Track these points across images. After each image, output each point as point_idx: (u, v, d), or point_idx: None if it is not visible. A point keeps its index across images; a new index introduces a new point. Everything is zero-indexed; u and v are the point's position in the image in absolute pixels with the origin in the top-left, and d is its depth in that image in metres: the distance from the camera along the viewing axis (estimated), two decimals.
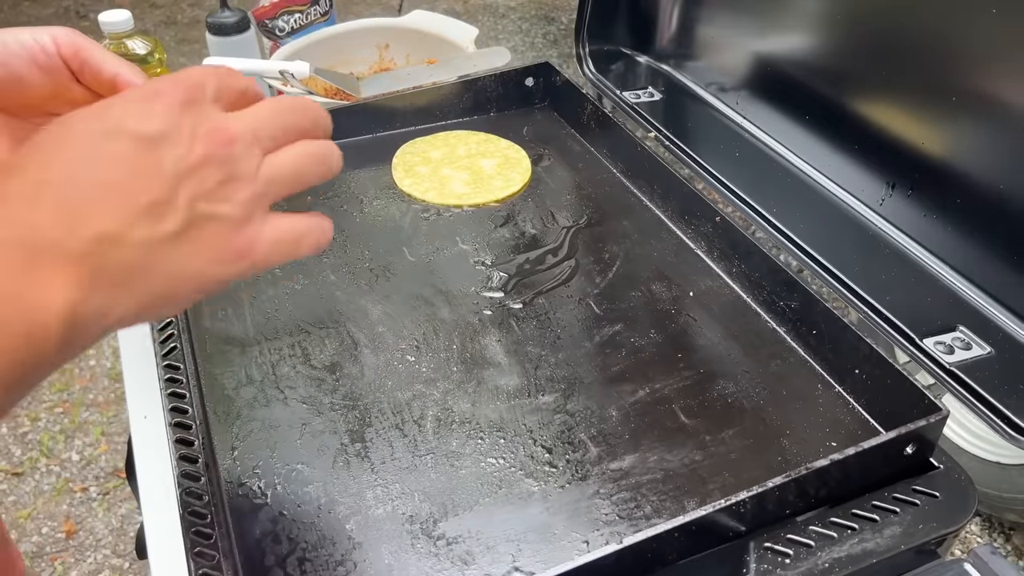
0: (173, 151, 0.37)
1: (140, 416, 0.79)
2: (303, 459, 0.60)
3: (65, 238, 0.35)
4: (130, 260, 0.36)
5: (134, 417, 0.79)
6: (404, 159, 0.92)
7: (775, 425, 0.62)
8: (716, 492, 0.57)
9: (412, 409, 0.63)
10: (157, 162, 0.37)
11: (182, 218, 0.38)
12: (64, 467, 1.83)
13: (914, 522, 0.54)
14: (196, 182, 0.38)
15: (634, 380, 0.66)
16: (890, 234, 0.76)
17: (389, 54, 1.29)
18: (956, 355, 0.64)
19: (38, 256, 0.34)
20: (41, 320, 0.34)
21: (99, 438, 1.89)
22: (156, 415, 0.78)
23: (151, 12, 3.69)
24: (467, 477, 0.58)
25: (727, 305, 0.73)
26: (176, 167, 0.37)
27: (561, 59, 3.37)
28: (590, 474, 0.58)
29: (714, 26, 0.98)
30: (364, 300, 0.74)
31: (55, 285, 0.34)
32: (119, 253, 0.36)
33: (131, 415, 0.79)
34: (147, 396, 0.79)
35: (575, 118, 0.97)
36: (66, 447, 1.87)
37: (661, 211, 0.83)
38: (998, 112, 0.68)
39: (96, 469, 1.83)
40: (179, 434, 0.61)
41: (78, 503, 1.76)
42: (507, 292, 0.74)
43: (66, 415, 1.94)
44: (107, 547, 1.69)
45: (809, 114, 0.85)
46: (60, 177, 0.36)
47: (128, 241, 0.36)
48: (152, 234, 0.37)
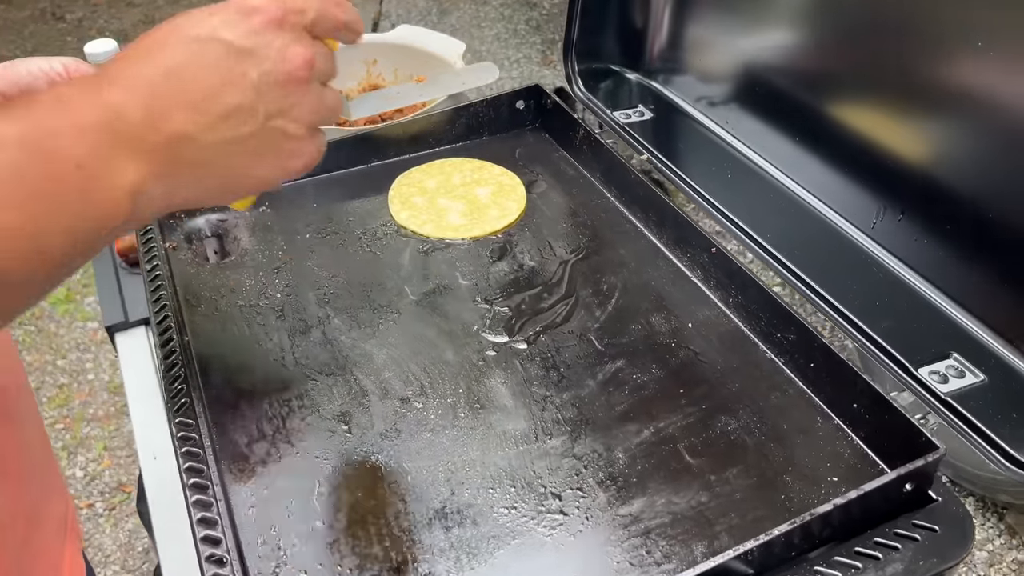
0: (260, 66, 0.43)
1: (150, 457, 0.81)
2: (321, 517, 0.61)
3: (147, 132, 0.41)
4: (200, 157, 0.42)
5: (144, 458, 0.80)
6: (400, 190, 0.93)
7: (777, 462, 0.64)
8: (723, 534, 0.59)
9: (423, 458, 0.65)
10: (243, 73, 0.42)
11: (255, 128, 0.43)
12: (69, 484, 1.84)
13: (915, 558, 0.56)
14: (275, 99, 0.43)
15: (638, 419, 0.67)
16: (882, 258, 0.77)
17: (377, 69, 1.29)
18: (950, 384, 0.66)
19: (120, 142, 0.40)
20: (114, 196, 0.40)
21: (102, 453, 1.90)
22: (166, 456, 0.79)
23: (128, 11, 3.65)
24: (479, 532, 0.60)
25: (726, 336, 0.74)
26: (259, 81, 0.43)
27: (544, 45, 3.36)
28: (600, 521, 0.60)
29: (704, 43, 0.98)
30: (368, 344, 0.75)
31: (130, 169, 0.40)
32: (192, 150, 0.42)
33: (140, 457, 0.80)
34: (155, 436, 0.81)
35: (567, 140, 0.98)
36: (69, 463, 1.88)
37: (656, 238, 0.84)
38: (988, 138, 0.69)
39: (101, 484, 1.84)
40: (196, 495, 0.62)
41: (84, 519, 1.77)
42: (510, 331, 0.75)
43: (67, 431, 1.95)
44: (116, 563, 1.71)
45: (800, 134, 0.86)
46: (154, 74, 0.41)
47: (202, 142, 0.42)
48: (224, 137, 0.42)
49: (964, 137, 0.71)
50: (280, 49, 0.43)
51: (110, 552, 1.72)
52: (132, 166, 0.40)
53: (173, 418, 0.68)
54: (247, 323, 0.77)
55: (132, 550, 1.72)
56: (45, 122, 0.39)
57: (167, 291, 0.78)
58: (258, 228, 0.89)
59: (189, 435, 0.67)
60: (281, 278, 0.82)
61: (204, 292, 0.81)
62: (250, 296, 0.80)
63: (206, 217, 0.90)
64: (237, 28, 0.42)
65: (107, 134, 0.40)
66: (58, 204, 0.39)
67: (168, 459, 0.79)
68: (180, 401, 0.69)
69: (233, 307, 0.79)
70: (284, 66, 0.43)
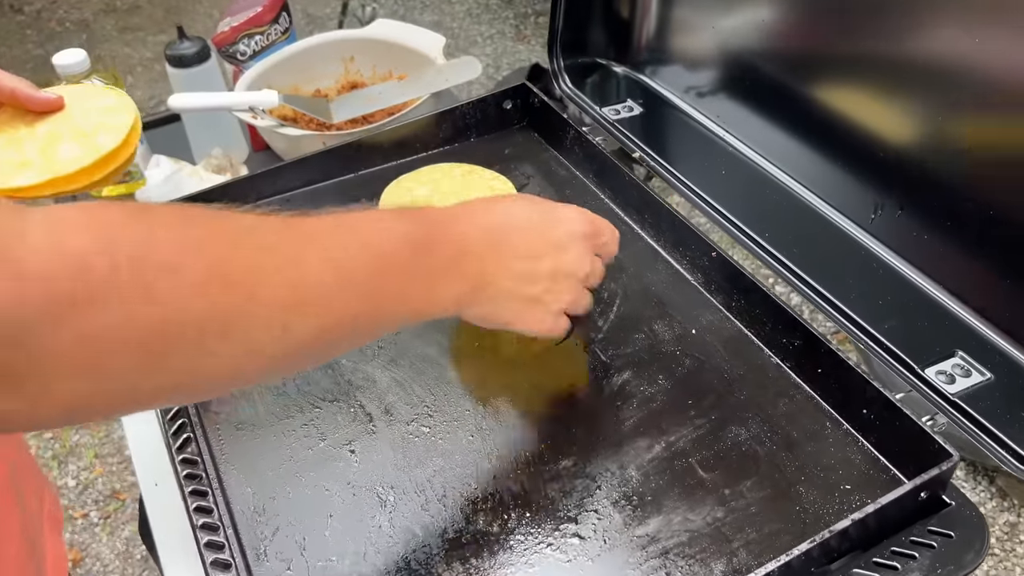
0: (566, 256, 0.60)
1: (151, 484, 0.79)
2: (335, 552, 0.60)
3: (471, 265, 0.55)
4: (492, 294, 0.57)
5: (145, 486, 0.79)
6: (390, 200, 0.91)
7: (790, 471, 0.64)
8: (741, 551, 0.59)
9: (434, 486, 0.64)
10: (555, 258, 0.59)
11: (536, 294, 0.59)
12: (62, 494, 1.82)
13: (932, 566, 0.57)
14: (559, 281, 0.60)
15: (649, 434, 0.67)
16: (882, 254, 0.77)
17: (355, 66, 1.26)
18: (957, 384, 0.66)
19: (454, 270, 0.54)
20: (438, 308, 0.55)
21: (93, 461, 1.88)
22: (167, 482, 0.78)
23: (88, 1, 3.55)
24: (498, 561, 0.59)
25: (730, 342, 0.74)
26: (558, 267, 0.60)
27: (517, 20, 3.31)
28: (617, 543, 0.60)
29: (692, 33, 0.97)
30: (370, 367, 0.74)
31: (453, 289, 0.55)
32: (491, 288, 0.57)
33: (141, 484, 0.79)
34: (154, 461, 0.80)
35: (556, 140, 0.96)
36: (61, 473, 1.86)
37: (654, 240, 0.84)
38: (989, 130, 0.68)
39: (94, 493, 1.83)
40: (207, 537, 0.61)
41: (80, 530, 1.76)
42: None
43: (56, 440, 1.93)
44: (115, 572, 1.70)
45: (794, 127, 0.85)
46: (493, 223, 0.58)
47: (500, 285, 0.57)
48: (514, 288, 0.58)
49: (963, 129, 0.70)
50: (580, 255, 0.61)
51: (108, 562, 1.71)
52: (455, 286, 0.55)
53: (176, 456, 0.67)
54: None
55: (131, 558, 1.72)
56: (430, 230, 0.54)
57: None
58: None
59: (195, 473, 0.66)
60: None
61: None
62: None
63: None
64: (568, 226, 0.61)
65: (453, 264, 0.54)
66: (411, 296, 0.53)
67: (170, 485, 0.78)
68: (183, 436, 0.68)
69: None
70: (577, 268, 0.61)
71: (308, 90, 1.23)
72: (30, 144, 0.71)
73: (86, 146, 0.72)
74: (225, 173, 1.12)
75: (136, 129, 0.76)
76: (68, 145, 0.71)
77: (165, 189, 1.05)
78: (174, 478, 0.78)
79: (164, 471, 0.79)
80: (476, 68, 1.12)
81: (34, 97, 0.72)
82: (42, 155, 0.70)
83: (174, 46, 1.14)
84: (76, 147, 0.71)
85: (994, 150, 0.69)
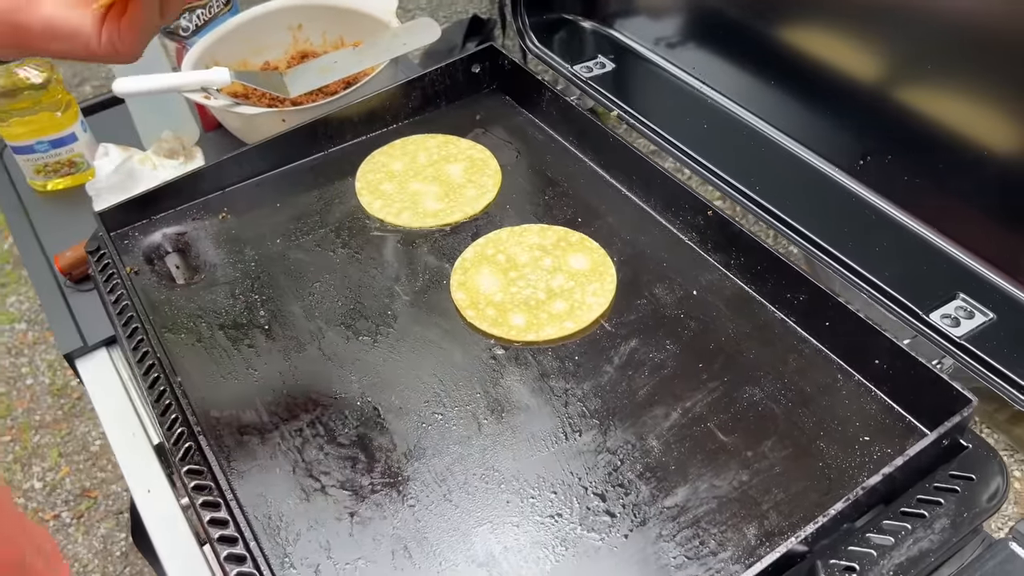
0: None
1: (143, 491, 0.77)
2: (362, 554, 0.59)
3: None
4: None
5: (137, 493, 0.76)
6: (366, 178, 0.87)
7: (808, 427, 0.64)
8: (771, 512, 0.59)
9: (455, 474, 0.63)
10: None
11: None
12: (28, 497, 1.76)
13: (958, 510, 0.58)
14: None
15: (664, 402, 0.66)
16: (874, 201, 0.77)
17: (303, 35, 1.20)
18: (962, 327, 0.67)
19: None
20: None
21: (58, 461, 1.82)
22: (161, 489, 0.75)
23: None
24: (530, 543, 0.58)
25: (732, 301, 0.73)
26: None
27: None
28: (648, 516, 0.59)
29: None
30: (371, 356, 0.71)
31: None
32: None
33: (133, 492, 0.76)
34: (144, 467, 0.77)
35: (529, 102, 0.93)
36: (25, 476, 1.80)
37: (643, 202, 0.82)
38: (972, 76, 0.68)
39: (63, 493, 1.77)
40: (227, 550, 0.58)
41: (54, 532, 1.71)
42: None
43: (16, 442, 1.86)
44: (96, 570, 1.66)
45: (772, 76, 0.84)
46: None
47: None
48: None
49: (948, 77, 0.70)
50: None
51: (87, 561, 1.66)
52: None
53: (181, 467, 0.64)
54: (236, 348, 0.73)
55: (110, 555, 1.68)
56: None
57: (140, 324, 0.72)
58: (223, 239, 0.83)
59: (203, 484, 0.63)
60: (260, 292, 0.77)
61: (180, 318, 0.76)
62: (231, 317, 0.75)
63: (163, 232, 0.83)
64: None
65: None
66: None
67: (164, 491, 0.75)
68: (185, 446, 0.65)
69: (216, 332, 0.74)
70: None
71: (257, 63, 1.17)
72: None
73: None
74: (178, 157, 1.06)
75: None
76: None
77: (116, 179, 0.99)
78: (168, 483, 0.76)
79: (156, 475, 0.77)
80: (435, 30, 1.08)
81: None
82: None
83: None
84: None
85: (980, 90, 0.69)
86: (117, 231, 0.83)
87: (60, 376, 1.98)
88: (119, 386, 0.85)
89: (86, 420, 1.88)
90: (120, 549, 1.68)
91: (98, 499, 1.75)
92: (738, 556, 0.57)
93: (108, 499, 1.76)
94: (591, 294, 0.74)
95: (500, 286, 0.75)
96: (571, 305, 0.73)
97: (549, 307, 0.73)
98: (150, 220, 0.85)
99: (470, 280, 0.76)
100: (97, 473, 1.80)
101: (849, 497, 0.55)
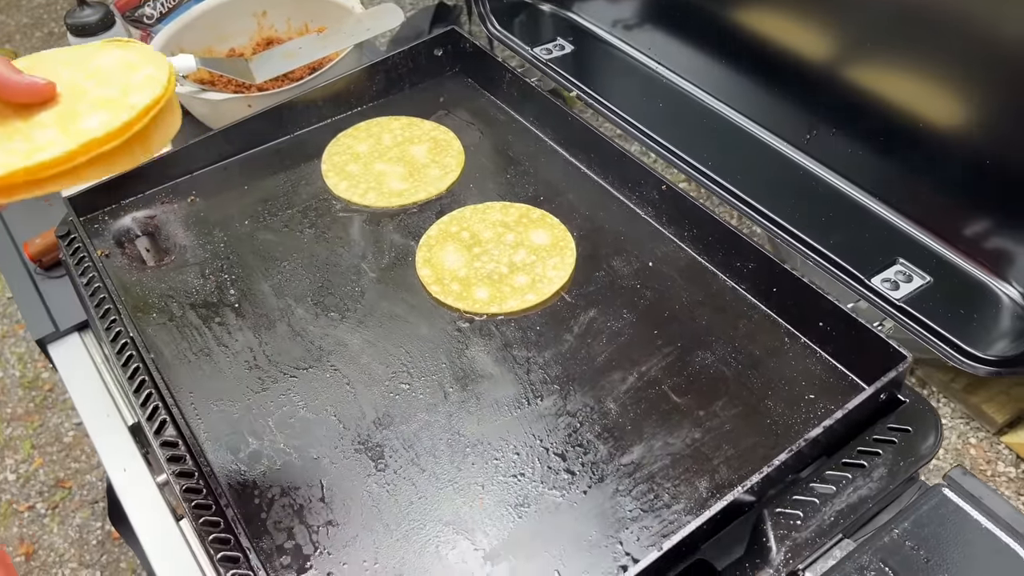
0: None
1: (119, 470, 0.78)
2: (333, 517, 0.61)
3: None
4: None
5: (113, 472, 0.78)
6: (332, 160, 0.89)
7: (757, 388, 0.68)
8: (722, 467, 0.63)
9: (422, 440, 0.65)
10: None
11: None
12: (2, 489, 1.76)
13: (895, 460, 0.61)
14: None
15: (621, 367, 0.69)
16: (820, 173, 0.80)
17: (268, 21, 1.21)
18: (901, 290, 0.71)
19: None
20: None
21: (31, 452, 1.82)
22: (137, 467, 0.77)
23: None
24: (493, 502, 0.61)
25: (686, 270, 0.77)
26: None
27: None
28: (606, 473, 0.63)
29: None
30: (339, 331, 0.74)
31: None
32: None
33: (109, 471, 0.78)
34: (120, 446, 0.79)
35: (491, 84, 0.96)
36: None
37: (602, 179, 0.85)
38: (912, 52, 0.71)
39: (37, 484, 1.77)
40: (202, 516, 0.61)
41: (28, 522, 1.71)
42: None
43: None
44: (72, 560, 1.67)
45: (724, 55, 0.87)
46: None
47: None
48: None
49: (889, 50, 0.73)
50: None
51: (63, 551, 1.67)
52: None
53: (155, 440, 0.66)
54: (206, 326, 0.75)
55: (86, 544, 1.68)
56: None
57: (112, 305, 0.74)
58: (191, 221, 0.84)
59: (178, 455, 0.65)
60: (229, 272, 0.79)
61: (152, 299, 0.77)
62: (201, 296, 0.77)
63: (132, 215, 0.85)
64: None
65: None
66: None
67: (140, 469, 0.77)
68: (159, 419, 0.67)
69: (187, 311, 0.76)
70: None
71: (222, 50, 1.18)
72: (39, 132, 0.52)
73: (115, 108, 0.53)
74: None
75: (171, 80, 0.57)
76: (92, 116, 0.53)
77: None
78: (144, 462, 0.77)
79: (131, 455, 0.78)
80: (398, 15, 1.10)
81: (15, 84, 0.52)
82: (63, 132, 0.52)
83: (74, 14, 1.08)
84: (104, 113, 0.53)
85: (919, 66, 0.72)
86: (87, 216, 0.84)
87: (31, 369, 1.97)
88: (92, 369, 0.87)
89: (58, 412, 1.88)
90: (96, 538, 1.69)
91: (73, 489, 1.76)
92: (690, 508, 0.60)
93: (83, 489, 1.76)
94: (552, 268, 0.77)
95: (464, 261, 0.78)
96: (533, 278, 0.76)
97: (512, 281, 0.76)
98: (119, 204, 0.86)
99: (435, 256, 0.78)
100: (71, 464, 1.80)
101: (792, 448, 0.58)
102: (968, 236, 0.71)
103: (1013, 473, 1.55)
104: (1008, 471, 1.55)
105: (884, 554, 0.57)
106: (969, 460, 1.61)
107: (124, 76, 0.55)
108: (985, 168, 0.67)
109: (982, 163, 0.67)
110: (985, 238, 0.71)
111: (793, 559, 0.56)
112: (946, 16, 0.66)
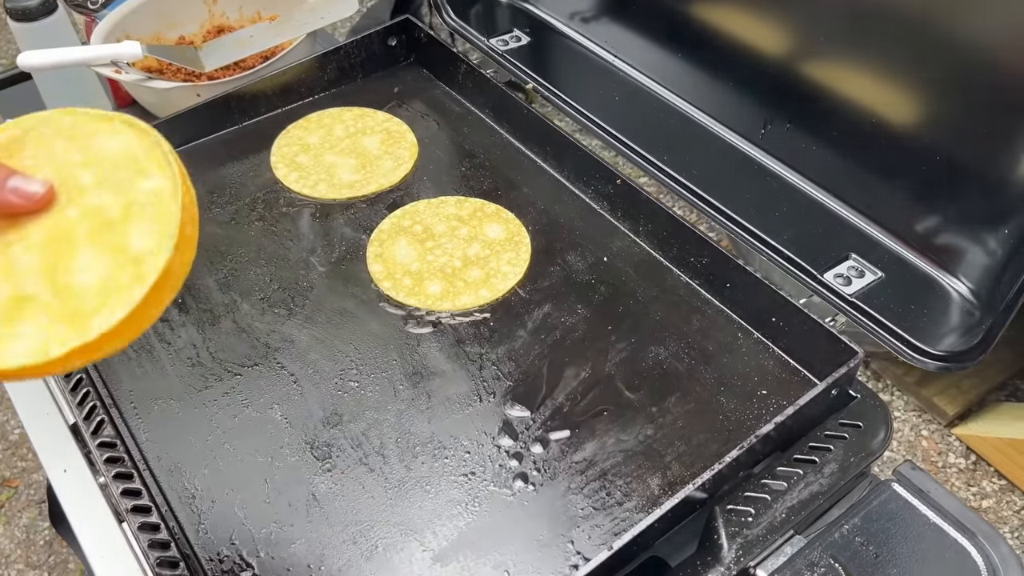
0: None
1: (59, 471, 0.76)
2: (277, 518, 0.60)
3: None
4: None
5: (53, 473, 0.75)
6: (282, 152, 0.87)
7: (709, 383, 0.67)
8: (674, 464, 0.62)
9: (371, 439, 0.64)
10: None
11: None
12: None
13: (846, 455, 0.61)
14: None
15: (575, 363, 0.69)
16: (774, 168, 0.80)
17: (219, 8, 1.18)
18: (853, 285, 0.71)
19: None
20: None
21: None
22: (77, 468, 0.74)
23: None
24: (444, 502, 0.60)
25: (640, 265, 0.76)
26: None
27: None
28: (558, 471, 0.62)
29: None
30: (286, 327, 0.72)
31: None
32: None
33: (49, 473, 0.75)
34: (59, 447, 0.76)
35: (446, 75, 0.94)
36: None
37: (558, 172, 0.84)
38: (864, 48, 0.71)
39: None
40: (141, 519, 0.58)
41: None
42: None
43: None
44: (19, 561, 1.62)
45: (681, 48, 0.87)
46: None
47: None
48: None
49: (840, 41, 0.73)
50: None
51: (9, 552, 1.62)
52: None
53: (92, 440, 0.64)
54: None
55: (33, 545, 1.64)
56: None
57: None
58: None
59: (116, 456, 0.63)
60: None
61: None
62: None
63: None
64: None
65: None
66: None
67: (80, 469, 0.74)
68: (97, 419, 0.65)
69: None
70: None
71: (171, 37, 1.15)
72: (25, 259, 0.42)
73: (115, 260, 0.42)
74: None
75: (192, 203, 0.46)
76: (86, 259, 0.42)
77: None
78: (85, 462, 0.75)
79: (72, 455, 0.76)
80: (352, 4, 1.07)
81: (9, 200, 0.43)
82: (53, 290, 0.42)
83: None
84: (101, 265, 0.42)
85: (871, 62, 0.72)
86: None
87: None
88: (41, 387, 0.84)
89: (3, 409, 1.82)
90: (43, 539, 1.64)
91: (19, 488, 1.71)
92: (642, 505, 0.60)
93: (30, 488, 1.71)
94: (506, 262, 0.76)
95: (417, 255, 0.76)
96: (487, 273, 0.75)
97: (465, 275, 0.75)
98: None
99: (387, 251, 0.77)
100: (17, 462, 1.75)
101: (743, 445, 0.58)
102: (919, 232, 0.72)
103: (963, 464, 1.58)
104: (958, 462, 1.58)
105: (834, 550, 0.57)
106: (921, 452, 1.63)
107: (128, 181, 0.44)
108: (936, 164, 0.68)
109: (933, 160, 0.68)
110: (936, 234, 0.71)
111: (744, 556, 0.55)
112: (900, 13, 0.67)
